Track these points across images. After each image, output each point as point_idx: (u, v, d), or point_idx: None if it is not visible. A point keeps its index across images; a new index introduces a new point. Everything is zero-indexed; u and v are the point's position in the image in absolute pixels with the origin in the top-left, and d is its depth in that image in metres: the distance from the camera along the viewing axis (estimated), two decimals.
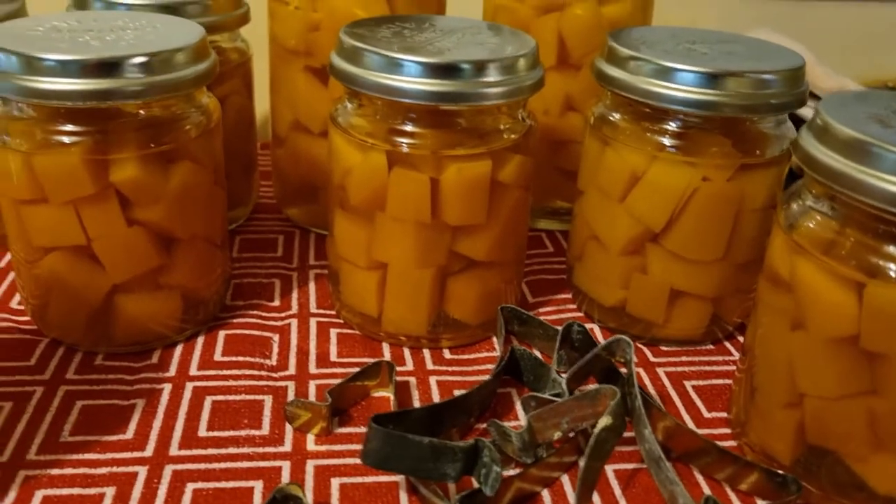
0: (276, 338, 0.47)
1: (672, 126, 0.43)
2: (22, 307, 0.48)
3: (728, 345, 0.48)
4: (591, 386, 0.39)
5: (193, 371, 0.44)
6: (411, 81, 0.40)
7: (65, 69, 0.38)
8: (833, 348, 0.34)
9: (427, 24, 0.46)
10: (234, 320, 0.48)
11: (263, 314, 0.49)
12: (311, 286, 0.52)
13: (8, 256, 0.54)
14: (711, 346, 0.48)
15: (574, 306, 0.51)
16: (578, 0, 0.53)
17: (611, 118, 0.46)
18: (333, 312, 0.49)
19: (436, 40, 0.43)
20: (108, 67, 0.38)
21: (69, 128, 0.40)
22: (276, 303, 0.50)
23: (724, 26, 0.77)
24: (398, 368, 0.44)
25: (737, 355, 0.47)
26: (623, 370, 0.41)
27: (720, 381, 0.45)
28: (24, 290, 0.45)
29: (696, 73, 0.41)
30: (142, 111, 0.41)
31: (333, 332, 0.47)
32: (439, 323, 0.46)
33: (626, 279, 0.47)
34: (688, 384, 0.45)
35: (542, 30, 0.54)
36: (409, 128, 0.42)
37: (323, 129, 0.54)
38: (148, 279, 0.43)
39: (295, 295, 0.51)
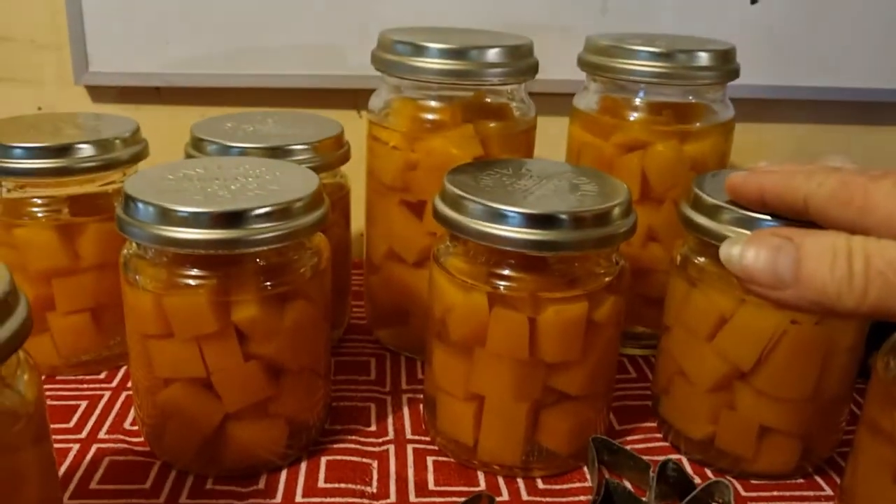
0: (376, 464, 0.49)
1: None
2: (134, 428, 0.51)
3: (819, 479, 0.49)
4: None
5: (299, 498, 0.46)
6: (512, 231, 0.43)
7: (197, 220, 0.41)
8: None
9: (524, 169, 0.49)
10: (334, 445, 0.50)
11: (361, 439, 0.51)
12: (406, 411, 0.54)
13: (119, 375, 0.57)
14: (802, 481, 0.49)
15: (660, 436, 0.52)
16: (660, 138, 0.56)
17: (696, 261, 0.48)
18: (428, 439, 0.51)
19: (534, 188, 0.46)
20: (236, 219, 0.42)
21: (195, 271, 0.43)
22: (373, 428, 0.52)
23: (801, 154, 0.80)
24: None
25: (828, 490, 0.48)
26: None
27: None
28: (142, 412, 0.48)
29: (781, 221, 0.42)
30: (261, 256, 0.44)
31: (430, 459, 0.49)
32: (532, 453, 0.48)
33: (714, 415, 0.48)
34: None
35: (625, 167, 0.57)
36: (507, 271, 0.45)
37: (417, 260, 0.57)
38: (258, 408, 0.46)
39: (390, 420, 0.53)
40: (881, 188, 0.31)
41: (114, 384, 0.56)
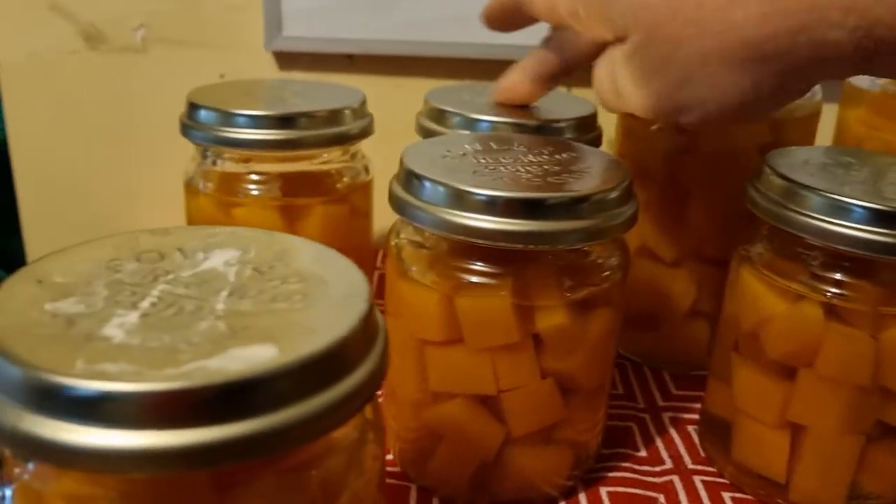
0: (663, 499, 0.41)
1: None
2: None
3: None
4: None
5: None
6: (859, 229, 0.36)
7: (503, 206, 0.34)
8: None
9: (841, 156, 0.41)
10: (610, 474, 0.43)
11: (636, 467, 0.44)
12: (674, 434, 0.47)
13: None
14: None
15: None
16: None
17: None
18: (713, 469, 0.44)
19: (873, 178, 0.38)
20: (551, 207, 0.35)
21: (479, 265, 0.36)
22: (643, 453, 0.45)
23: None
24: None
25: None
26: None
27: None
28: (397, 424, 0.42)
29: None
30: (562, 254, 0.37)
31: (727, 496, 0.42)
32: (853, 496, 0.40)
33: None
34: None
35: None
36: (840, 276, 0.37)
37: (676, 259, 0.50)
38: (543, 432, 0.39)
39: (660, 444, 0.46)
40: None
41: None
